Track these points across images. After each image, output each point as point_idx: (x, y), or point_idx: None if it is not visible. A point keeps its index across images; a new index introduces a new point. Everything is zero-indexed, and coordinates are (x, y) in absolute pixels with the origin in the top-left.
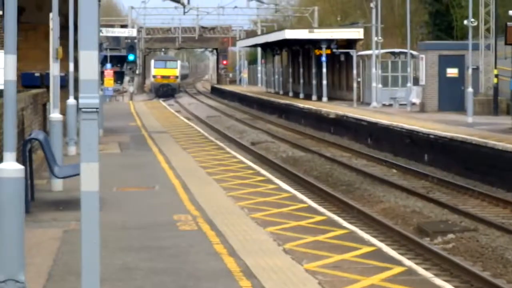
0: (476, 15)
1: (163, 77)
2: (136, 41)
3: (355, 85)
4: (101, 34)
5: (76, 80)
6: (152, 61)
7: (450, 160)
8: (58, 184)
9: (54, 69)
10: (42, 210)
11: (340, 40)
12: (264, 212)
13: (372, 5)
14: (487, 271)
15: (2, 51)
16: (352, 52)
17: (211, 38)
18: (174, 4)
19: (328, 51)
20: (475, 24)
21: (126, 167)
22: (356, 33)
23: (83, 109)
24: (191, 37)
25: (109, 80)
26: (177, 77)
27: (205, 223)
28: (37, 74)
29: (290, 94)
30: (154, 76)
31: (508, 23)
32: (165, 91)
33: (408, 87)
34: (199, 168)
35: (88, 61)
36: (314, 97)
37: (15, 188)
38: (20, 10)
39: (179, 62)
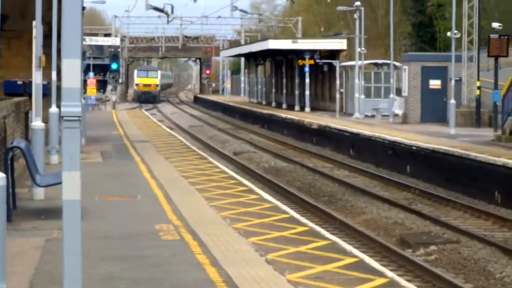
0: (459, 27)
1: (144, 85)
2: (119, 50)
3: (338, 95)
4: (84, 43)
5: (58, 89)
6: (135, 71)
7: (432, 172)
8: (39, 193)
9: (37, 77)
10: (24, 219)
11: (323, 51)
12: (247, 223)
13: (355, 16)
14: (469, 283)
15: None
16: (335, 62)
17: (194, 47)
18: (157, 13)
19: (311, 62)
20: (458, 36)
21: (108, 176)
22: (339, 43)
23: (65, 118)
24: (175, 47)
25: (91, 89)
26: (157, 85)
27: (187, 233)
28: (19, 82)
29: (273, 104)
30: (137, 85)
31: (491, 36)
32: (147, 98)
33: (390, 98)
34: (182, 178)
35: (71, 70)
36: (297, 108)
37: None
38: (3, 18)
39: (159, 72)
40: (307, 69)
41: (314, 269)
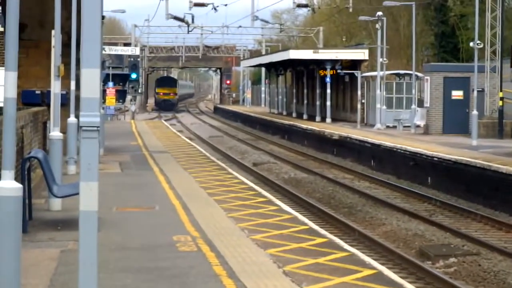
0: (482, 37)
1: (164, 94)
2: (139, 59)
3: (359, 106)
4: (103, 52)
5: (77, 98)
6: (156, 82)
7: (454, 183)
8: (56, 204)
9: (55, 87)
10: (40, 230)
11: (344, 61)
12: (265, 234)
13: (377, 26)
14: None
15: (3, 68)
16: (357, 73)
17: (215, 57)
18: (178, 22)
19: (333, 72)
20: (481, 46)
21: (127, 186)
22: (361, 54)
23: (84, 128)
24: (195, 56)
25: (110, 99)
26: (176, 94)
27: (205, 244)
28: (37, 92)
29: (294, 114)
30: (157, 93)
31: None
32: (166, 105)
33: (412, 109)
34: (200, 189)
35: (90, 79)
36: (317, 118)
37: (13, 207)
38: (22, 27)
39: (178, 82)
40: (328, 79)
41: (332, 281)
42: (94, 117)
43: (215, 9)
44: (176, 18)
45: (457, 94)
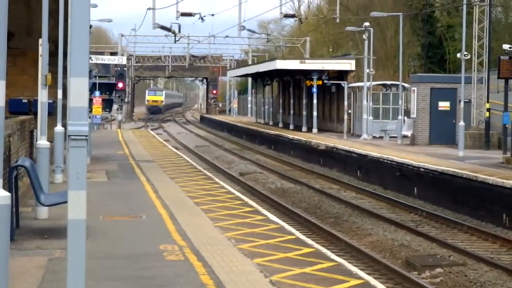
0: (469, 48)
1: (153, 101)
2: (125, 69)
3: (345, 116)
4: (90, 61)
5: (64, 107)
6: (147, 91)
7: (440, 194)
8: (43, 212)
9: (43, 96)
10: (27, 238)
11: (331, 71)
12: (252, 243)
13: (364, 36)
14: None
15: None
16: (344, 83)
17: (201, 67)
18: (164, 32)
19: (319, 82)
20: (468, 57)
21: (113, 195)
22: (347, 64)
23: (72, 137)
24: (181, 66)
25: (97, 108)
26: (162, 101)
27: (191, 253)
28: (25, 101)
29: (280, 124)
30: (147, 100)
31: (501, 57)
32: (154, 110)
33: (399, 120)
34: (187, 198)
35: (78, 88)
36: (304, 128)
37: (1, 216)
38: (9, 35)
39: (164, 92)
40: (315, 89)
41: None
42: (83, 126)
43: (202, 19)
44: (163, 27)
45: (444, 105)
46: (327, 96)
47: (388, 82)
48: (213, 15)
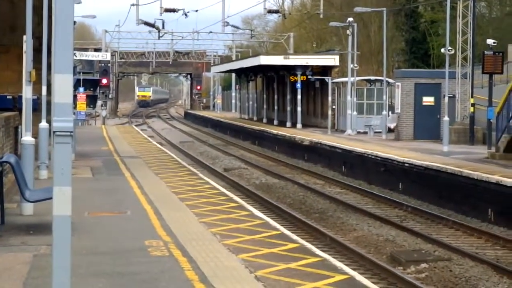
0: (453, 43)
1: (142, 96)
2: (109, 65)
3: (330, 112)
4: (74, 58)
5: (48, 104)
6: (137, 88)
7: (425, 189)
8: (28, 208)
9: (27, 92)
10: (12, 234)
11: (315, 67)
12: (237, 239)
13: (348, 32)
14: None
15: None
16: (328, 79)
17: (185, 63)
18: (148, 28)
19: (303, 78)
20: (452, 52)
21: (98, 191)
22: (331, 60)
23: (57, 133)
24: (165, 62)
25: (81, 104)
26: (150, 96)
27: (176, 249)
28: (9, 97)
29: (264, 120)
30: (138, 96)
31: (486, 52)
32: (143, 103)
33: (383, 115)
34: (172, 194)
35: (63, 84)
36: (288, 124)
37: None
38: None
39: (152, 88)
40: (299, 85)
41: (304, 286)
42: (68, 122)
43: (185, 14)
44: (146, 23)
45: (428, 100)
46: (311, 91)
47: (372, 78)
48: (196, 11)
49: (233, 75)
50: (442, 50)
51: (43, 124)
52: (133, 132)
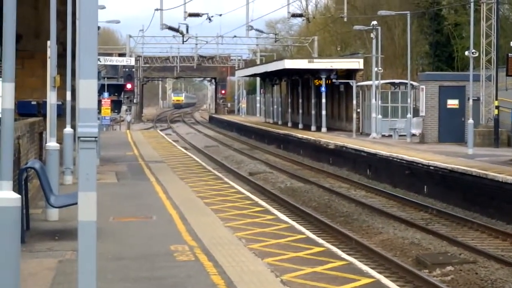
0: (477, 46)
1: (177, 100)
2: (134, 70)
3: (354, 115)
4: (98, 63)
5: (73, 109)
6: (172, 94)
7: (450, 192)
8: (54, 214)
9: (51, 98)
10: (37, 240)
11: (339, 70)
12: (262, 243)
13: (372, 35)
14: None
15: (0, 79)
16: (352, 82)
17: (209, 67)
18: (172, 33)
19: (328, 81)
20: (476, 55)
21: (123, 196)
22: (356, 63)
23: (82, 138)
24: (190, 66)
25: (106, 109)
26: (183, 100)
27: (202, 253)
28: (33, 103)
29: (289, 124)
30: (173, 100)
31: (510, 54)
32: (177, 106)
33: (408, 118)
34: (197, 198)
35: (87, 90)
36: (313, 128)
37: (11, 218)
38: (18, 38)
39: (184, 94)
40: (323, 88)
41: None
42: (92, 128)
43: (209, 19)
44: (170, 28)
45: (452, 103)
46: (336, 95)
47: (397, 81)
48: (220, 15)
49: (258, 79)
50: (466, 53)
51: (68, 129)
52: (158, 137)
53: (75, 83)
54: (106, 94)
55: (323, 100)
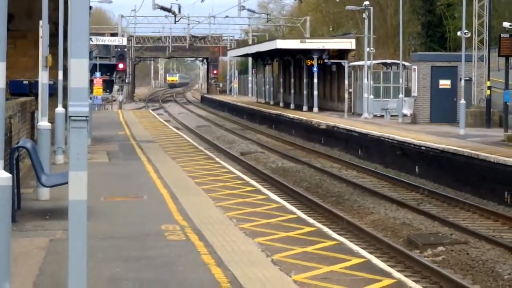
0: (469, 26)
1: (171, 80)
2: (126, 49)
3: (346, 95)
4: (90, 43)
5: (65, 88)
6: (167, 74)
7: (442, 172)
8: (45, 193)
9: (43, 77)
10: (29, 219)
11: (331, 51)
12: (253, 223)
13: (364, 15)
14: (477, 285)
15: None
16: (344, 62)
17: (201, 47)
18: (164, 13)
19: (320, 62)
20: (468, 35)
21: (114, 176)
22: (348, 43)
23: (73, 117)
24: (182, 46)
25: (98, 89)
26: (176, 80)
27: (193, 233)
28: (25, 82)
29: (281, 104)
30: (168, 80)
31: (502, 35)
32: (172, 85)
33: (400, 98)
34: (188, 178)
35: (79, 69)
36: (305, 108)
37: (2, 197)
38: (9, 17)
39: (177, 74)
40: (315, 69)
41: (321, 270)
42: (83, 107)
43: None
44: (163, 8)
45: (444, 83)
46: (328, 75)
47: (389, 61)
48: None
49: (250, 59)
50: (459, 33)
51: (60, 109)
52: (150, 117)
53: (67, 62)
54: (98, 74)
55: (315, 80)
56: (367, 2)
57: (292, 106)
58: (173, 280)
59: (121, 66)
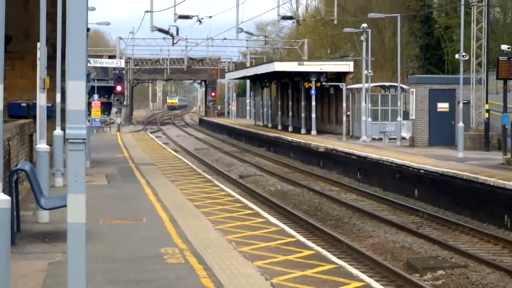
0: (467, 49)
1: (171, 102)
2: (124, 72)
3: (344, 118)
4: (88, 65)
5: (63, 111)
6: (167, 97)
7: (441, 196)
8: (44, 216)
9: (41, 99)
10: (28, 242)
11: (329, 73)
12: (252, 246)
13: (362, 38)
14: None
15: None
16: (342, 85)
17: (199, 69)
18: (163, 35)
19: (318, 84)
20: (467, 58)
21: (113, 199)
22: (346, 66)
23: (70, 140)
24: (180, 69)
25: (96, 111)
26: (176, 103)
27: (192, 256)
28: (23, 104)
29: (279, 127)
30: (168, 102)
31: (500, 58)
32: (172, 108)
33: (398, 121)
34: (187, 201)
35: (76, 91)
36: (303, 130)
37: (1, 219)
38: (7, 39)
39: (177, 97)
40: (313, 91)
41: None
42: (81, 130)
43: (199, 21)
44: (161, 30)
45: (442, 106)
46: (326, 98)
47: (387, 84)
48: (210, 17)
49: (248, 81)
50: (457, 56)
51: (58, 131)
52: (148, 139)
53: (65, 84)
54: (96, 96)
55: (313, 103)
56: (365, 25)
57: (290, 128)
58: None
59: (119, 88)
